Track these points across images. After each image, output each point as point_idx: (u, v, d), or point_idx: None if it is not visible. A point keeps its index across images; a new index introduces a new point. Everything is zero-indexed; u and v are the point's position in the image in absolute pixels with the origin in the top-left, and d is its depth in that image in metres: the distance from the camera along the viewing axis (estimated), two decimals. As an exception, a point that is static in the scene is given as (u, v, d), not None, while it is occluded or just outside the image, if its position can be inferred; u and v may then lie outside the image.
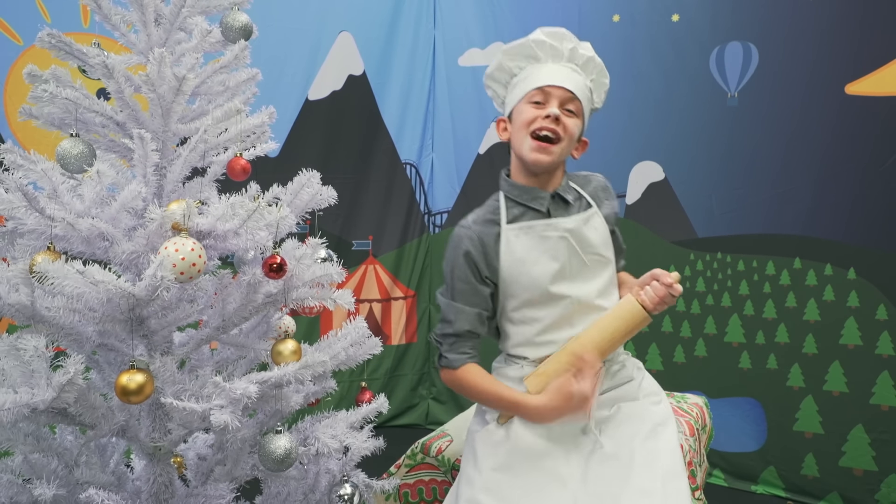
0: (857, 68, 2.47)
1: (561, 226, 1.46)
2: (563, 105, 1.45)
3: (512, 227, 1.47)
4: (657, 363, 2.91)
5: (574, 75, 1.48)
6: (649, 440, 1.36)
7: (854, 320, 2.50)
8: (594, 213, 1.50)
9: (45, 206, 1.13)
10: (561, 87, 1.44)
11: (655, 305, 1.37)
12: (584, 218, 1.48)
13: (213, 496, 1.34)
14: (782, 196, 2.63)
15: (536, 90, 1.46)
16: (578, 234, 1.46)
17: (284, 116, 3.18)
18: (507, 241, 1.46)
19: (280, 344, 1.31)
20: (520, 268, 1.45)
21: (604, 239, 1.49)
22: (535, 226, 1.46)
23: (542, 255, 1.45)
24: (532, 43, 1.50)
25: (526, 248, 1.46)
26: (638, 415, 1.43)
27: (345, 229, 3.35)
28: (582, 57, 1.49)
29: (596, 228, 1.49)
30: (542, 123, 1.43)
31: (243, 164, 1.34)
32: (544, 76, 1.46)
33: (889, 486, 2.42)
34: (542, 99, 1.45)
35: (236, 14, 1.41)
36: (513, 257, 1.46)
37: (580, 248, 1.46)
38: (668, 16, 2.83)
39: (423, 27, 3.43)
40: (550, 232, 1.46)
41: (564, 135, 1.44)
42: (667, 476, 1.28)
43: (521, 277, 1.45)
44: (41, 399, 1.07)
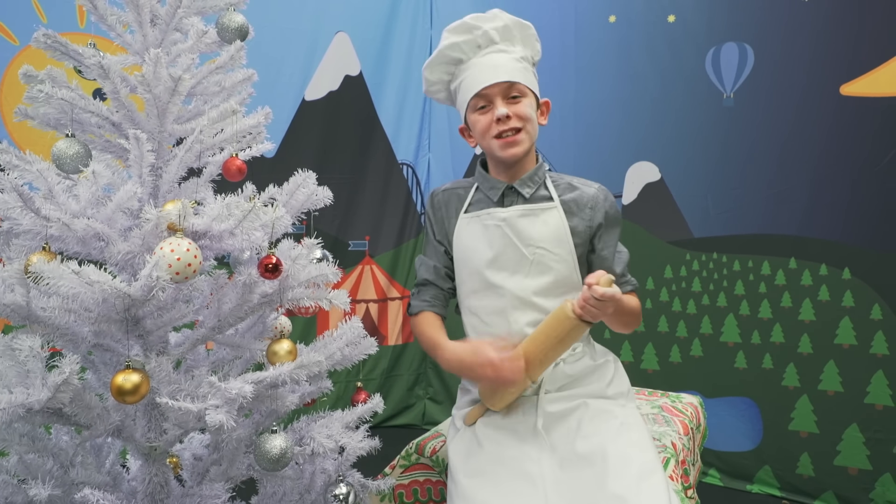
0: (853, 69, 2.48)
1: (497, 214, 1.49)
2: (506, 96, 1.44)
3: (465, 216, 1.54)
4: (653, 363, 2.92)
5: (500, 58, 1.46)
6: (621, 439, 1.34)
7: (849, 320, 2.51)
8: (550, 207, 1.48)
9: (41, 206, 1.13)
10: (495, 84, 1.44)
11: (581, 308, 1.30)
12: (529, 209, 1.47)
13: (209, 496, 1.34)
14: (778, 196, 2.64)
15: (475, 98, 1.46)
16: (513, 225, 1.47)
17: (281, 117, 3.18)
18: (459, 230, 1.54)
19: (275, 344, 1.31)
20: (465, 254, 1.52)
21: (555, 235, 1.46)
22: (480, 214, 1.51)
23: (482, 243, 1.49)
24: (446, 50, 1.51)
25: (471, 236, 1.51)
26: (606, 410, 1.42)
27: (341, 230, 3.36)
28: (496, 32, 1.48)
29: (546, 223, 1.47)
30: (497, 129, 1.44)
31: (239, 165, 1.34)
32: (475, 80, 1.46)
33: (883, 486, 2.43)
34: (485, 102, 1.46)
35: (232, 15, 1.41)
36: (460, 243, 1.53)
37: (517, 240, 1.46)
38: (665, 16, 2.84)
39: (419, 27, 3.43)
40: (489, 220, 1.49)
41: (522, 122, 1.44)
42: (641, 475, 1.25)
43: (466, 264, 1.52)
44: (36, 399, 1.07)
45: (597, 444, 1.33)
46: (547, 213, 1.48)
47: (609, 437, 1.34)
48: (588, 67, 3.01)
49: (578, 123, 3.00)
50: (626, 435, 1.35)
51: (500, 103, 1.44)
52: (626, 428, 1.37)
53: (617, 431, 1.36)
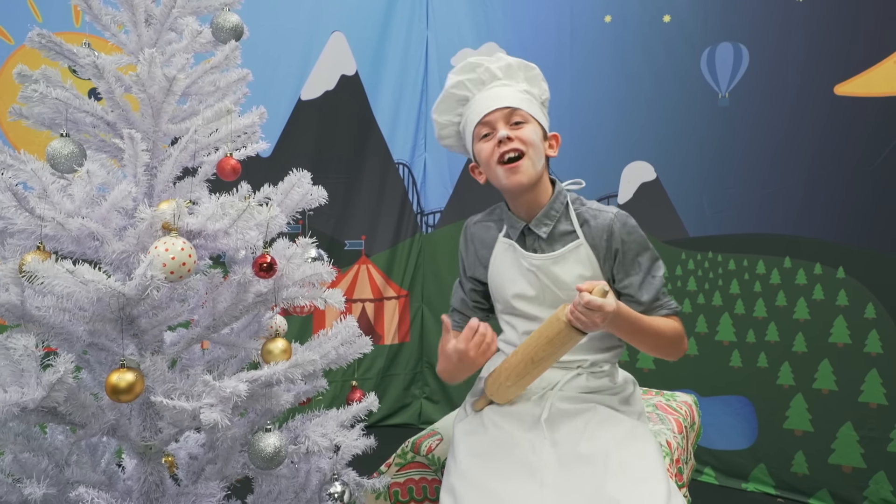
0: (847, 69, 2.49)
1: (531, 260, 1.50)
2: (508, 122, 1.46)
3: (503, 241, 1.55)
4: (649, 362, 2.92)
5: (502, 90, 1.49)
6: (625, 445, 1.34)
7: (843, 319, 2.52)
8: (577, 246, 1.47)
9: (35, 205, 1.13)
10: (496, 110, 1.46)
11: (570, 314, 1.30)
12: (560, 255, 1.47)
13: (204, 495, 1.34)
14: (772, 196, 2.65)
15: (478, 126, 1.48)
16: (547, 272, 1.48)
17: (277, 116, 3.18)
18: (495, 252, 1.56)
19: (270, 343, 1.31)
20: (498, 279, 1.55)
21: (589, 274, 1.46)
22: (516, 248, 1.53)
23: (518, 276, 1.51)
24: (453, 90, 1.53)
25: (506, 265, 1.54)
26: (613, 418, 1.43)
27: (337, 229, 3.36)
28: (500, 70, 1.50)
29: (577, 263, 1.47)
30: (499, 151, 1.44)
31: (233, 164, 1.34)
32: (477, 111, 1.48)
33: (877, 483, 2.44)
34: (488, 129, 1.47)
35: (227, 14, 1.41)
36: (495, 268, 1.56)
37: (553, 285, 1.48)
38: (660, 16, 2.84)
39: (415, 27, 3.43)
40: (523, 261, 1.51)
41: (525, 146, 1.44)
42: (639, 479, 1.26)
43: (500, 289, 1.55)
44: (31, 398, 1.07)
45: (600, 448, 1.33)
46: (575, 252, 1.47)
47: (614, 442, 1.34)
48: (583, 67, 3.01)
49: (574, 123, 3.00)
50: (631, 443, 1.36)
51: (502, 127, 1.45)
52: (633, 437, 1.38)
53: (623, 438, 1.36)
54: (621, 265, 1.48)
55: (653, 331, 1.43)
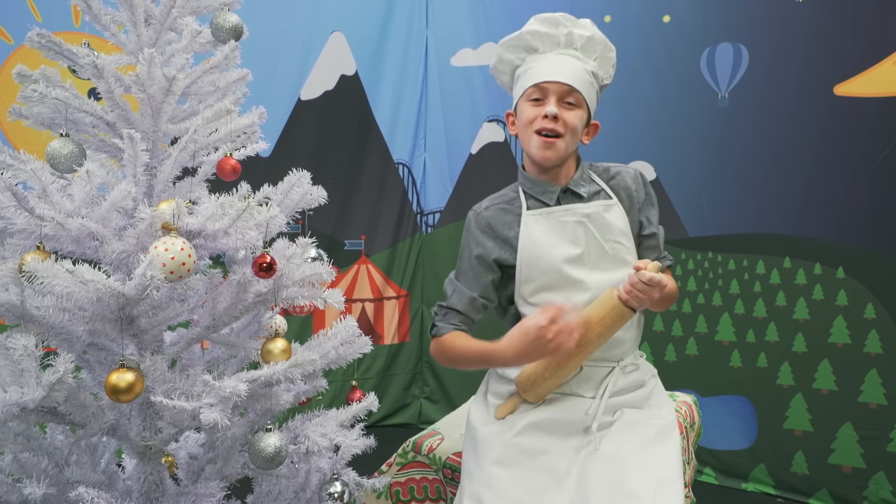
0: (846, 69, 2.49)
1: (578, 210, 1.47)
2: (562, 99, 1.44)
3: (532, 213, 1.49)
4: (648, 362, 2.92)
5: (572, 63, 1.46)
6: (647, 447, 1.35)
7: (843, 319, 2.52)
8: (614, 204, 1.49)
9: (35, 205, 1.13)
10: (557, 83, 1.43)
11: (628, 294, 1.32)
12: (604, 205, 1.49)
13: (204, 495, 1.34)
14: (772, 196, 2.65)
15: (533, 87, 1.45)
16: (597, 219, 1.47)
17: (277, 116, 3.18)
18: (527, 226, 1.49)
19: (270, 342, 1.32)
20: (538, 251, 1.47)
21: (625, 230, 1.48)
22: (553, 211, 1.48)
23: (561, 240, 1.46)
24: (527, 35, 1.49)
25: (544, 232, 1.47)
26: (639, 422, 1.42)
27: (337, 229, 3.36)
28: (581, 39, 1.47)
29: (616, 217, 1.48)
30: (541, 124, 1.43)
31: (233, 164, 1.34)
32: (540, 72, 1.45)
33: (877, 483, 2.44)
34: (541, 95, 1.45)
35: (227, 14, 1.41)
36: (531, 241, 1.47)
37: (599, 234, 1.46)
38: (660, 17, 2.84)
39: (415, 27, 3.43)
40: (568, 217, 1.47)
41: (565, 130, 1.43)
42: (660, 482, 1.26)
43: (539, 261, 1.46)
44: (31, 398, 1.07)
45: (621, 448, 1.34)
46: (616, 207, 1.49)
47: (635, 445, 1.35)
48: (583, 67, 3.01)
49: (574, 123, 3.00)
50: (653, 446, 1.36)
51: (554, 102, 1.43)
52: (655, 441, 1.38)
53: (644, 441, 1.36)
54: (644, 213, 1.54)
55: (670, 292, 1.47)
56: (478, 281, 1.51)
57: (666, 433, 1.41)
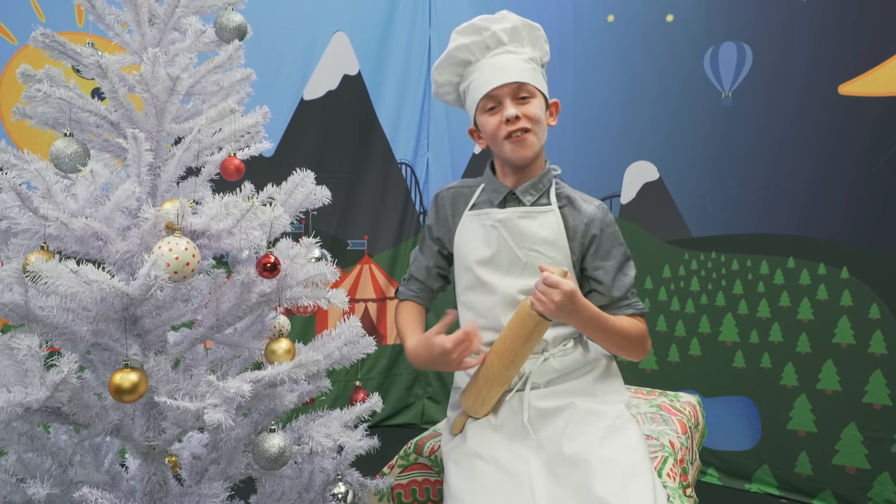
0: (851, 69, 2.48)
1: (494, 215, 1.50)
2: (515, 97, 1.44)
3: (469, 214, 1.56)
4: (651, 362, 2.92)
5: (508, 59, 1.46)
6: (607, 441, 1.32)
7: (847, 319, 2.51)
8: (548, 210, 1.49)
9: (39, 205, 1.13)
10: (504, 85, 1.44)
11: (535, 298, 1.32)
12: (527, 212, 1.48)
13: (208, 495, 1.34)
14: (776, 196, 2.64)
15: (484, 98, 1.46)
16: (510, 226, 1.48)
17: (279, 116, 3.18)
18: (462, 226, 1.57)
19: (274, 343, 1.31)
20: (461, 251, 1.55)
21: (551, 238, 1.47)
22: (480, 214, 1.54)
23: (480, 242, 1.51)
24: (455, 52, 1.50)
25: (469, 234, 1.54)
26: (594, 412, 1.40)
27: (340, 229, 3.36)
28: (505, 33, 1.47)
29: (542, 225, 1.48)
30: (507, 129, 1.44)
31: (237, 164, 1.34)
32: (484, 81, 1.46)
33: (881, 485, 2.44)
34: (494, 103, 1.46)
35: (230, 14, 1.41)
36: (460, 240, 1.56)
37: (512, 240, 1.47)
38: (663, 16, 2.84)
39: (418, 27, 3.43)
40: (486, 220, 1.51)
41: (530, 123, 1.44)
42: (626, 478, 1.24)
43: (462, 260, 1.55)
44: (35, 398, 1.07)
45: (582, 446, 1.32)
46: (544, 215, 1.49)
47: (595, 439, 1.33)
48: (586, 67, 3.01)
49: (577, 123, 3.00)
50: (612, 438, 1.34)
51: (510, 104, 1.44)
52: (614, 430, 1.36)
53: (603, 434, 1.34)
54: (595, 254, 1.49)
55: (615, 328, 1.43)
56: (431, 252, 1.65)
57: (623, 419, 1.39)
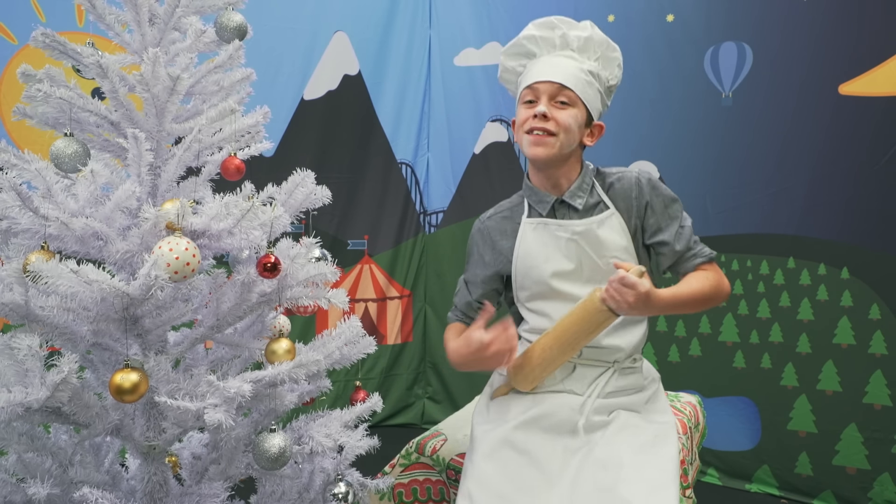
0: (851, 68, 2.48)
1: (570, 228, 1.45)
2: (553, 98, 1.42)
3: (530, 221, 1.51)
4: (652, 362, 2.90)
5: (565, 63, 1.44)
6: (642, 452, 1.33)
7: (847, 319, 2.51)
8: (611, 214, 1.45)
9: (39, 205, 1.13)
10: (547, 82, 1.42)
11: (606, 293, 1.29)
12: (598, 221, 1.45)
13: (208, 495, 1.34)
14: (776, 196, 2.64)
15: (526, 89, 1.45)
16: (590, 237, 1.44)
17: (280, 116, 3.18)
18: (523, 234, 1.51)
19: (274, 343, 1.31)
20: (530, 262, 1.49)
21: (624, 243, 1.45)
22: (549, 223, 1.48)
23: (555, 252, 1.46)
24: (524, 40, 1.49)
25: (539, 243, 1.48)
26: (635, 426, 1.41)
27: (340, 229, 3.36)
28: (577, 40, 1.46)
29: (613, 230, 1.44)
30: (531, 124, 1.42)
31: (237, 164, 1.34)
32: (533, 74, 1.45)
33: (882, 485, 2.43)
34: (533, 97, 1.44)
35: (231, 14, 1.41)
36: (525, 249, 1.50)
37: (593, 251, 1.44)
38: (663, 16, 2.84)
39: (418, 27, 3.43)
40: (561, 233, 1.46)
41: (558, 128, 1.40)
42: (653, 489, 1.25)
43: (531, 271, 1.48)
44: (35, 398, 1.07)
45: (615, 452, 1.33)
46: (609, 220, 1.45)
47: (630, 449, 1.34)
48: (587, 67, 3.00)
49: (577, 123, 3.00)
50: (647, 449, 1.35)
51: (545, 101, 1.42)
52: (651, 444, 1.36)
53: (639, 445, 1.35)
54: (652, 218, 1.46)
55: (688, 298, 1.39)
56: (477, 289, 1.60)
57: (663, 438, 1.39)
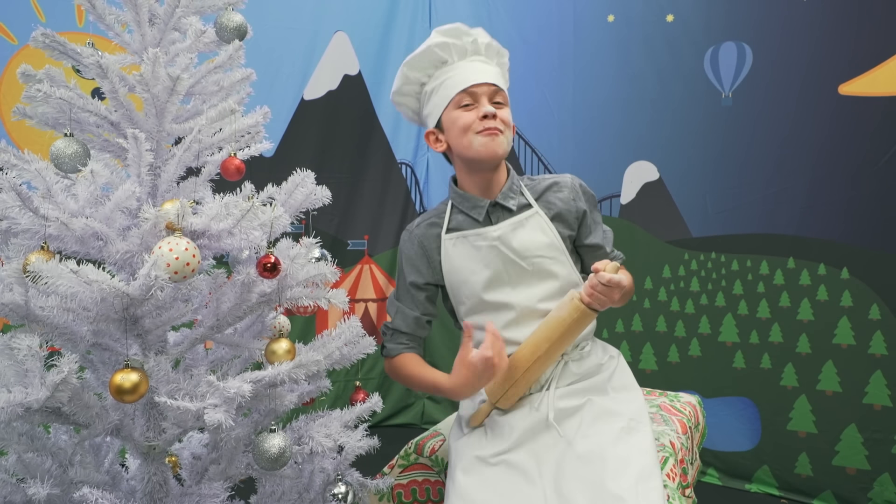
0: (851, 68, 2.48)
1: (489, 234, 1.48)
2: (492, 99, 1.46)
3: (450, 237, 1.52)
4: (651, 363, 2.92)
5: (486, 67, 1.49)
6: (621, 441, 1.34)
7: (847, 320, 2.51)
8: (533, 213, 1.49)
9: (39, 205, 1.13)
10: (485, 84, 1.46)
11: (589, 296, 1.33)
12: (517, 222, 1.48)
13: (208, 495, 1.34)
14: (776, 196, 2.64)
15: (461, 93, 1.46)
16: (508, 241, 1.46)
17: (280, 116, 3.18)
18: (446, 251, 1.53)
19: (274, 343, 1.31)
20: (458, 276, 1.51)
21: (547, 241, 1.47)
22: (468, 235, 1.50)
23: (477, 264, 1.48)
24: (436, 48, 1.50)
25: (462, 258, 1.50)
26: (609, 411, 1.41)
27: (340, 229, 3.36)
28: (483, 45, 1.50)
29: (534, 230, 1.47)
30: (482, 125, 1.43)
31: (237, 164, 1.34)
32: (464, 78, 1.46)
33: (882, 485, 2.44)
34: (471, 100, 1.45)
35: (231, 14, 1.41)
36: (451, 266, 1.52)
37: (514, 255, 1.46)
38: (663, 16, 2.84)
39: (418, 27, 3.43)
40: (480, 241, 1.48)
41: (504, 127, 1.46)
42: (640, 478, 1.25)
43: (462, 286, 1.51)
44: (35, 398, 1.07)
45: (596, 445, 1.33)
46: (531, 220, 1.48)
47: (608, 439, 1.34)
48: (586, 67, 3.01)
49: (577, 123, 3.00)
50: (625, 438, 1.35)
51: (487, 102, 1.45)
52: (628, 431, 1.37)
53: (617, 435, 1.36)
54: (586, 223, 1.54)
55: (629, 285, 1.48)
56: (414, 302, 1.58)
57: (637, 422, 1.41)
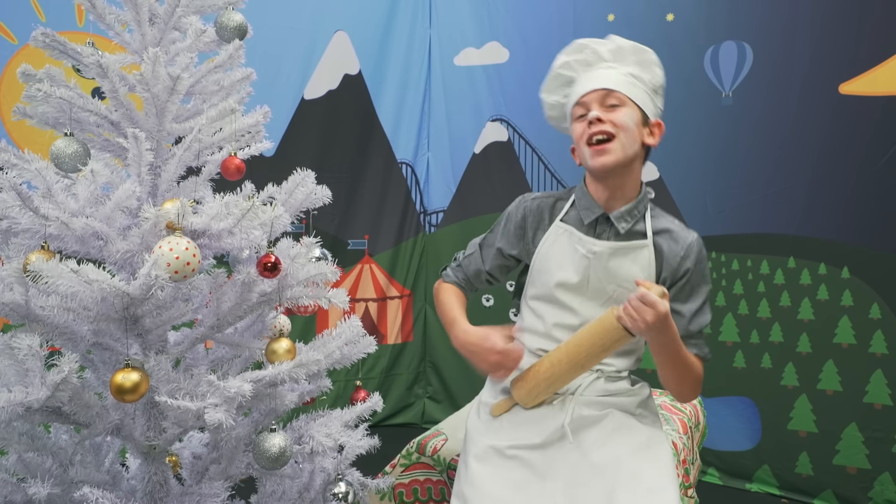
0: (851, 68, 2.48)
1: (588, 246, 1.43)
2: (603, 104, 1.41)
3: (560, 225, 1.48)
4: (651, 363, 2.91)
5: (605, 72, 1.44)
6: (637, 456, 1.33)
7: (848, 319, 2.51)
8: (644, 246, 1.43)
9: (40, 205, 1.13)
10: (592, 91, 1.42)
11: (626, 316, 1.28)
12: (621, 248, 1.42)
13: (209, 495, 1.34)
14: (776, 195, 2.64)
15: (575, 106, 1.45)
16: (602, 261, 1.42)
17: (280, 116, 3.18)
18: (548, 235, 1.49)
19: (274, 343, 1.31)
20: (546, 263, 1.48)
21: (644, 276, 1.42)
22: (573, 233, 1.46)
23: (568, 264, 1.45)
24: (560, 70, 1.49)
25: (558, 249, 1.47)
26: (628, 426, 1.40)
27: (341, 229, 3.36)
28: (608, 52, 1.46)
29: (634, 261, 1.42)
30: (589, 132, 1.40)
31: (237, 164, 1.34)
32: (577, 90, 1.45)
33: (882, 484, 2.43)
34: (584, 110, 1.43)
35: (231, 13, 1.41)
36: (546, 251, 1.48)
37: (603, 276, 1.42)
38: (663, 15, 2.84)
39: (418, 26, 3.43)
40: (579, 247, 1.45)
41: (616, 129, 1.39)
42: (651, 490, 1.25)
43: (543, 273, 1.48)
44: (35, 398, 1.07)
45: (611, 455, 1.32)
46: (637, 251, 1.43)
47: (625, 451, 1.33)
48: (587, 66, 3.00)
49: (577, 122, 3.00)
50: (642, 452, 1.34)
51: (595, 108, 1.41)
52: (646, 446, 1.36)
53: (634, 448, 1.34)
54: (683, 289, 1.45)
55: (685, 360, 1.41)
56: (491, 260, 1.58)
57: (658, 441, 1.39)
